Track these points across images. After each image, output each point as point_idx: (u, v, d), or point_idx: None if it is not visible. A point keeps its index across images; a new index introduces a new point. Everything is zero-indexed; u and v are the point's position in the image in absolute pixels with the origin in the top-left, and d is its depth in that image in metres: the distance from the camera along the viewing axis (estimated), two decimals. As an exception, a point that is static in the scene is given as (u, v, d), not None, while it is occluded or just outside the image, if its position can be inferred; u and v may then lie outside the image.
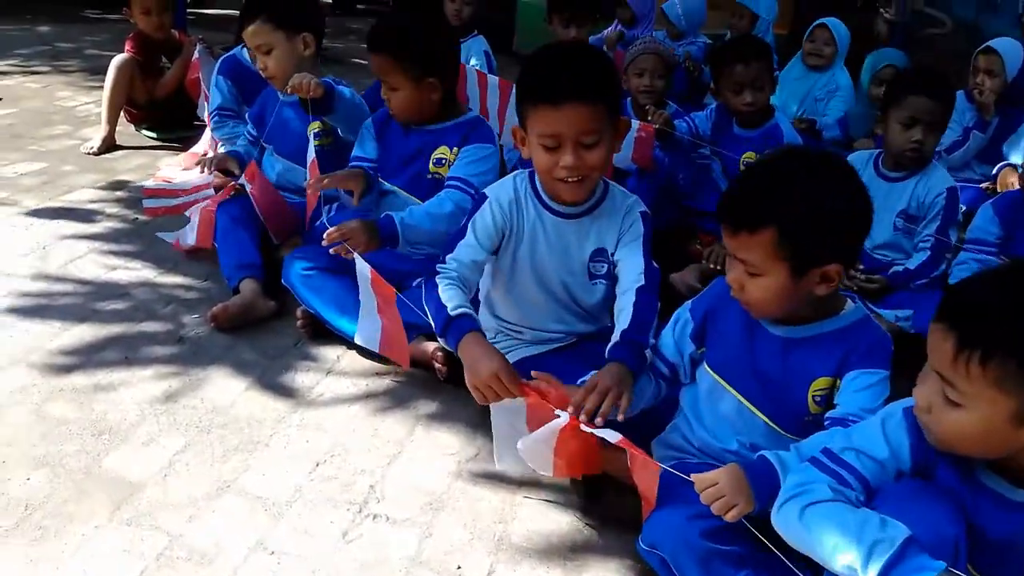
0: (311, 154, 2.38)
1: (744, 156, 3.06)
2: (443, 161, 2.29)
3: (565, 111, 1.66)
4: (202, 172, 2.69)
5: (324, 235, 1.98)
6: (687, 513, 1.37)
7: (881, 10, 5.67)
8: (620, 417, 1.53)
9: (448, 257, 1.83)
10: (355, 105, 2.54)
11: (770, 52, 3.08)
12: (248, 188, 2.55)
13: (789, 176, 1.45)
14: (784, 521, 1.26)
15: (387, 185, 2.36)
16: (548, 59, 1.77)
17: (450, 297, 1.72)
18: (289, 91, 2.38)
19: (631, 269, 1.80)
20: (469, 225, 1.86)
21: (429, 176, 2.31)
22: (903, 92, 2.57)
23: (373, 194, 2.32)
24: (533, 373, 1.58)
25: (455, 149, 2.28)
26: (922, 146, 2.52)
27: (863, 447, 1.28)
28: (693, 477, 1.34)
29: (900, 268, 2.55)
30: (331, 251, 1.97)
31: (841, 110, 3.88)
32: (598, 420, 1.50)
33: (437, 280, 1.77)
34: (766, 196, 1.43)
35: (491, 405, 1.65)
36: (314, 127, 2.44)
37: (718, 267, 2.74)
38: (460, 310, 1.69)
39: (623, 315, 1.73)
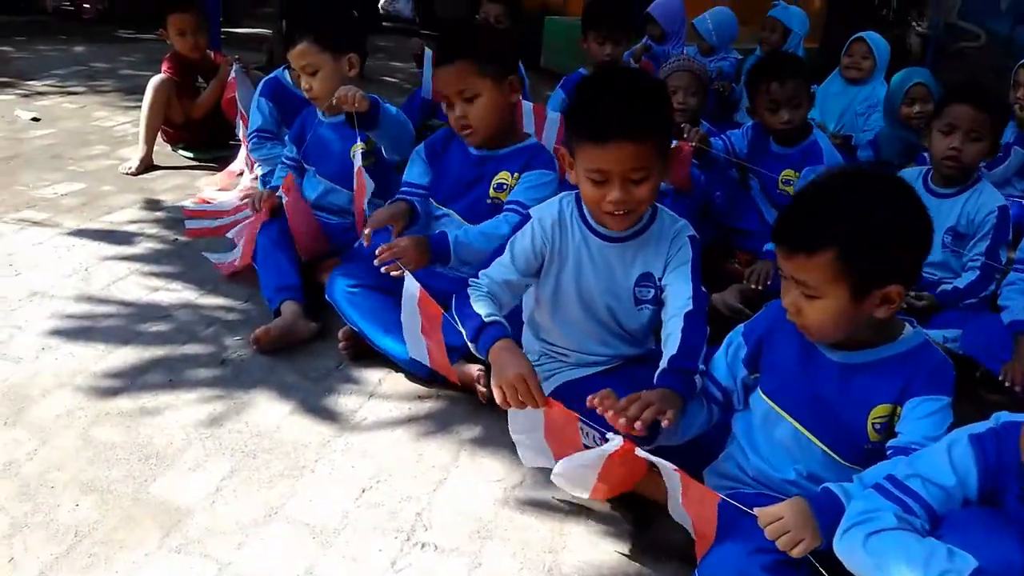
0: (357, 162, 2.37)
1: (783, 174, 3.03)
2: (504, 186, 2.27)
3: (613, 149, 1.63)
4: (252, 212, 2.68)
5: (376, 251, 1.98)
6: (748, 547, 1.34)
7: (913, 24, 5.62)
8: (665, 423, 1.48)
9: (481, 273, 1.83)
10: (399, 122, 2.53)
11: (806, 69, 3.05)
12: (284, 200, 2.56)
13: (846, 195, 1.41)
14: (847, 548, 1.23)
15: (443, 209, 2.34)
16: (598, 93, 1.72)
17: (482, 306, 1.73)
18: (334, 102, 2.38)
19: (679, 294, 1.77)
20: (508, 244, 1.86)
21: (489, 201, 2.28)
22: (945, 102, 2.59)
23: (417, 226, 2.31)
24: (590, 399, 1.53)
25: (516, 174, 2.26)
26: (959, 154, 2.49)
27: (928, 474, 1.26)
28: (756, 511, 1.31)
29: (949, 287, 2.50)
30: (383, 269, 1.96)
31: (881, 124, 3.82)
32: (638, 425, 1.45)
33: (468, 292, 1.78)
34: (824, 216, 1.40)
35: (509, 411, 1.64)
36: (357, 148, 2.44)
37: (759, 287, 2.71)
38: (493, 317, 1.70)
39: (670, 341, 1.70)
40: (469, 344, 1.73)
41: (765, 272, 2.74)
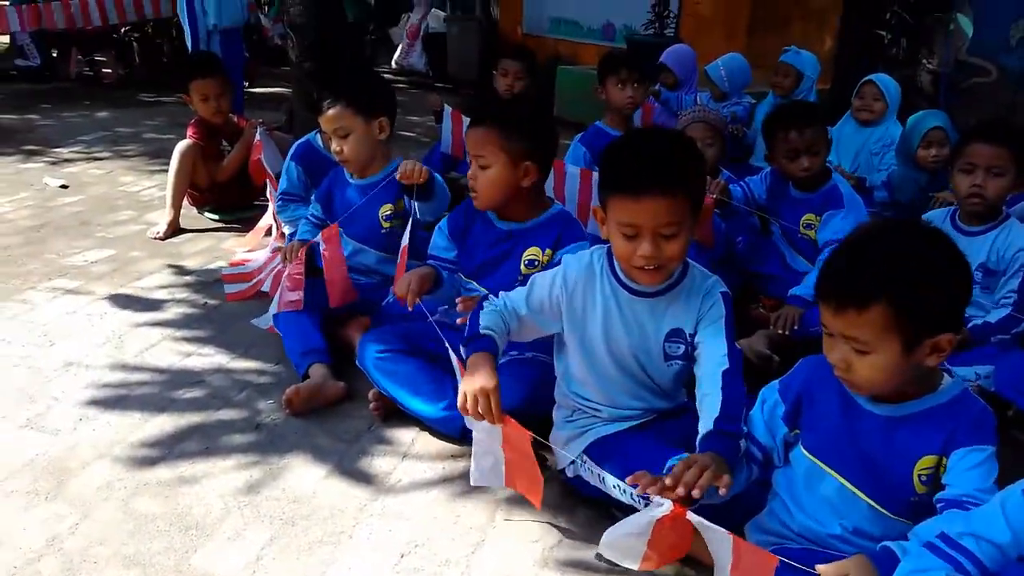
0: (405, 240, 2.40)
1: (804, 218, 3.04)
2: (535, 263, 2.25)
3: (645, 203, 1.66)
4: (284, 264, 2.71)
5: (459, 300, 2.10)
6: (801, 608, 1.33)
7: (924, 61, 5.66)
8: (722, 492, 1.48)
9: (501, 293, 1.92)
10: (443, 188, 2.59)
11: (823, 116, 3.07)
12: (321, 248, 2.58)
13: (888, 247, 1.41)
14: None
15: (472, 284, 2.33)
16: (631, 147, 1.76)
17: (488, 320, 1.82)
18: (398, 176, 2.44)
19: (714, 351, 1.77)
20: (531, 279, 1.93)
21: (520, 278, 2.23)
22: (962, 142, 2.62)
23: (444, 291, 2.32)
24: (631, 479, 1.53)
25: (548, 251, 2.25)
26: (982, 191, 2.51)
27: (982, 532, 1.25)
28: (819, 568, 1.30)
29: (980, 322, 2.50)
30: (458, 321, 2.06)
31: (894, 164, 3.82)
32: (695, 492, 1.45)
33: (484, 304, 1.87)
34: (870, 270, 1.39)
35: (469, 419, 1.72)
36: (385, 210, 2.47)
37: (786, 332, 2.70)
38: (489, 331, 1.79)
39: (709, 401, 1.69)
40: (461, 348, 1.82)
41: (792, 317, 2.73)
